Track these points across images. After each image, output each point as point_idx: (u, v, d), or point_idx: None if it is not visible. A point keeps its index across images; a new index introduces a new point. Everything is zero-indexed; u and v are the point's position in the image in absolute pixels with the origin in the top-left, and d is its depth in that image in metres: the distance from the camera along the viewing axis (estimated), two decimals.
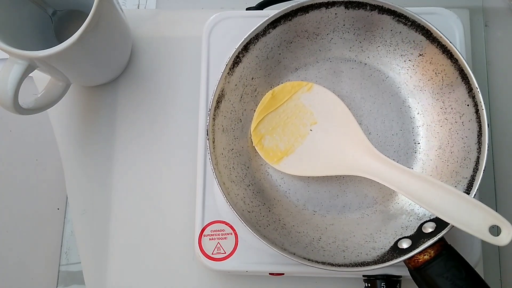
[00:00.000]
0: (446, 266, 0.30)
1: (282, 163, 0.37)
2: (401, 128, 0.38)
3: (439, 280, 0.30)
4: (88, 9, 0.34)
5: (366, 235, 0.35)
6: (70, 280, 0.43)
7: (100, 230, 0.42)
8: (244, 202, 0.36)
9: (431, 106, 0.38)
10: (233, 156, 0.37)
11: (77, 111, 0.44)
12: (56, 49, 0.34)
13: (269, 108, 0.38)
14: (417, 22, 0.35)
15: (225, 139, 0.37)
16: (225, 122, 0.37)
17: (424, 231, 0.33)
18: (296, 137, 0.37)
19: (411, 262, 0.31)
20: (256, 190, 0.37)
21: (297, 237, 0.35)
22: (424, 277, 0.31)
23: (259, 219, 0.35)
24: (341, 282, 0.39)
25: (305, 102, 0.38)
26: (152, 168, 0.43)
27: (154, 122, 0.44)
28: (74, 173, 0.43)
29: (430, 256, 0.31)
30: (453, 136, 0.36)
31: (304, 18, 0.37)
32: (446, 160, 0.36)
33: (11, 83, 0.34)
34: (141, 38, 0.45)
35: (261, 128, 0.38)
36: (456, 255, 0.31)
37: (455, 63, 0.34)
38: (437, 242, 0.31)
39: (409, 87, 0.39)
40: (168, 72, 0.44)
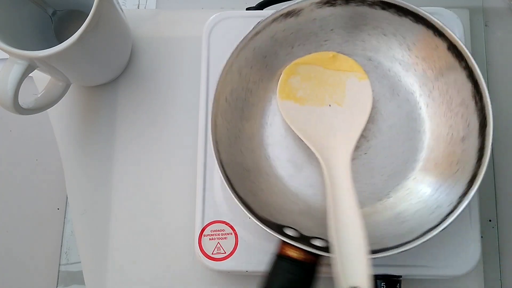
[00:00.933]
0: (294, 272, 0.31)
1: (286, 103, 0.38)
2: (406, 118, 0.39)
3: (281, 274, 0.31)
4: (88, 9, 0.34)
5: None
6: (70, 280, 0.43)
7: (100, 230, 0.42)
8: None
9: (421, 71, 0.38)
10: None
11: (77, 111, 0.44)
12: (56, 49, 0.34)
13: (322, 63, 0.39)
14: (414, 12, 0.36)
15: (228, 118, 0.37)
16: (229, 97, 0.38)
17: (315, 243, 0.33)
18: (315, 98, 0.38)
19: (287, 251, 0.32)
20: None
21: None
22: (277, 263, 0.32)
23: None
24: None
25: (349, 85, 0.38)
26: (152, 168, 0.43)
27: (154, 122, 0.44)
28: (74, 173, 0.43)
29: (298, 256, 0.31)
30: (451, 93, 0.36)
31: (301, 17, 0.38)
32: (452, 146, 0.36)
33: (11, 83, 0.34)
34: (141, 38, 0.45)
35: (302, 68, 0.38)
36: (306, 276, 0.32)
37: (429, 26, 0.35)
38: (308, 253, 0.31)
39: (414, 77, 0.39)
40: (168, 72, 0.44)
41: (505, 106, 0.44)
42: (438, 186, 0.35)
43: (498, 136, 0.43)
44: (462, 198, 0.32)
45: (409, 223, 0.35)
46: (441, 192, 0.35)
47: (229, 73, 0.37)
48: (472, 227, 0.37)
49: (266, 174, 0.38)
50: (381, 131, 0.38)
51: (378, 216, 0.36)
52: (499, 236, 0.41)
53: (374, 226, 0.36)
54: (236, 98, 0.38)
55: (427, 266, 0.36)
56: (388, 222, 0.36)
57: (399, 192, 0.37)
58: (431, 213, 0.34)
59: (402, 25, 0.37)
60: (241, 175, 0.36)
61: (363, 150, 0.38)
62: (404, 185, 0.37)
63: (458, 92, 0.35)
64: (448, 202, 0.33)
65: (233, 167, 0.36)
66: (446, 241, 0.37)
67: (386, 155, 0.38)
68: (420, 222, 0.34)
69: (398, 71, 0.39)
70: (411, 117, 0.38)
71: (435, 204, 0.34)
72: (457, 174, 0.34)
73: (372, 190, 0.37)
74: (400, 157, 0.38)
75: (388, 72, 0.39)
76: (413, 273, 0.36)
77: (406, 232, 0.33)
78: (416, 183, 0.37)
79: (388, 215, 0.36)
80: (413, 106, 0.39)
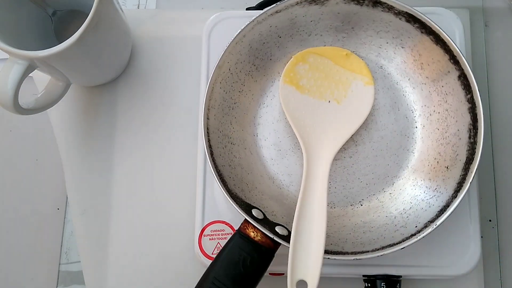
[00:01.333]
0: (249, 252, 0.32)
1: (287, 87, 0.38)
2: (396, 115, 0.39)
3: (235, 250, 0.32)
4: (88, 9, 0.34)
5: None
6: (70, 280, 0.43)
7: (100, 230, 0.42)
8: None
9: (427, 92, 0.38)
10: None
11: (77, 111, 0.44)
12: (56, 49, 0.34)
13: (334, 58, 0.39)
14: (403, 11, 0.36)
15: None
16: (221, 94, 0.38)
17: (277, 230, 0.33)
18: (317, 91, 0.38)
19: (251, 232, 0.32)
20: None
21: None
22: (235, 239, 0.32)
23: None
24: (341, 282, 0.39)
25: (353, 86, 0.38)
26: (152, 167, 0.43)
27: (154, 122, 0.44)
28: (74, 173, 0.43)
29: (256, 237, 0.32)
30: (449, 121, 0.36)
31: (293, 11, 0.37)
32: (444, 146, 0.36)
33: (11, 83, 0.34)
34: (141, 38, 0.45)
35: (313, 58, 0.38)
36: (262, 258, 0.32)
37: (447, 50, 0.35)
38: (266, 237, 0.32)
39: (404, 75, 0.39)
40: (168, 72, 0.44)
41: (505, 106, 0.44)
42: (409, 207, 0.36)
43: (498, 136, 0.43)
44: (429, 224, 0.33)
45: (371, 235, 0.35)
46: (410, 214, 0.35)
47: (240, 43, 0.37)
48: (472, 227, 0.37)
49: (249, 152, 0.38)
50: (371, 140, 0.39)
51: (345, 220, 0.37)
52: (499, 236, 0.41)
53: (339, 228, 0.36)
54: (240, 70, 0.38)
55: (427, 266, 0.36)
56: (352, 228, 0.36)
57: (372, 202, 0.37)
58: (395, 230, 0.34)
59: (422, 43, 0.36)
60: (225, 146, 0.37)
61: (349, 154, 0.39)
62: (378, 197, 0.38)
63: (456, 121, 0.36)
64: (415, 224, 0.34)
65: (219, 136, 0.36)
66: (446, 241, 0.37)
67: (370, 164, 0.38)
68: (382, 236, 0.34)
69: (405, 86, 0.39)
70: (405, 134, 0.38)
71: (402, 223, 0.35)
72: (431, 200, 0.35)
73: (347, 194, 0.38)
74: (383, 169, 0.38)
75: (395, 85, 0.39)
76: (413, 273, 0.37)
77: (366, 242, 0.34)
78: (390, 198, 0.37)
79: (354, 222, 0.37)
80: (409, 124, 0.39)
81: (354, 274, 0.37)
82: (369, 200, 0.38)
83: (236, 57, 0.37)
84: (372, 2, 0.36)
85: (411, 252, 0.37)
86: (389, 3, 0.36)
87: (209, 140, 0.35)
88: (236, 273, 0.31)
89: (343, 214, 0.37)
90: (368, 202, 0.38)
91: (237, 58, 0.37)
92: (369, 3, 0.36)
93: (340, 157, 0.38)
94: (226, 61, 0.37)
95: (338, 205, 0.38)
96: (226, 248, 0.32)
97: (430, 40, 0.36)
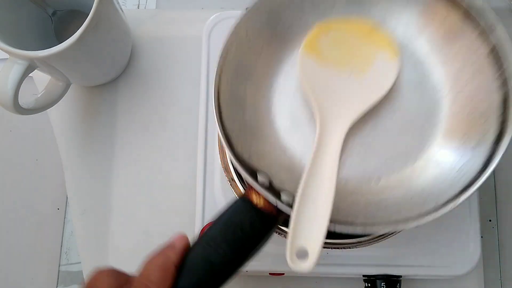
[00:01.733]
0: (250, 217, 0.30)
1: (307, 56, 0.36)
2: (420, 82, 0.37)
3: (235, 212, 0.30)
4: (88, 9, 0.34)
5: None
6: (70, 280, 0.43)
7: (100, 230, 0.42)
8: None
9: (456, 69, 0.36)
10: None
11: (77, 111, 0.44)
12: (56, 49, 0.34)
13: (358, 29, 0.37)
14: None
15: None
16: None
17: (281, 196, 0.31)
18: (338, 63, 0.37)
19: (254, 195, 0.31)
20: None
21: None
22: (237, 202, 0.31)
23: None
24: (341, 282, 0.39)
25: (378, 59, 0.36)
26: (152, 167, 0.43)
27: (154, 122, 0.44)
28: (74, 173, 0.43)
29: (259, 202, 0.30)
30: (478, 99, 0.35)
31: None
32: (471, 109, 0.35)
33: (11, 83, 0.34)
34: (141, 38, 0.45)
35: (337, 28, 0.37)
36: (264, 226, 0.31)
37: (494, 55, 0.33)
38: (269, 203, 0.30)
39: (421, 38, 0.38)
40: (168, 72, 0.44)
41: None
42: (430, 187, 0.35)
43: None
44: (449, 202, 0.31)
45: (385, 213, 0.33)
46: (430, 194, 0.33)
47: (260, 9, 0.35)
48: (472, 227, 0.37)
49: (262, 118, 0.37)
50: (394, 115, 0.36)
51: (358, 197, 0.35)
52: (499, 236, 0.41)
53: (349, 205, 0.34)
54: (259, 35, 0.36)
55: (427, 266, 0.36)
56: (365, 206, 0.34)
57: (389, 180, 0.35)
58: (411, 210, 0.32)
59: (455, 15, 0.35)
60: (236, 109, 0.35)
61: (369, 128, 0.36)
62: (397, 175, 0.35)
63: (486, 99, 0.34)
64: (434, 203, 0.33)
65: (230, 98, 0.35)
66: (446, 241, 0.37)
67: (390, 140, 0.36)
68: (397, 213, 0.33)
69: (434, 61, 0.37)
70: (430, 111, 0.36)
71: (420, 202, 0.33)
72: (454, 180, 0.34)
73: (363, 170, 0.36)
74: (404, 146, 0.36)
75: (423, 59, 0.37)
76: (413, 273, 0.37)
77: (378, 219, 0.32)
78: (410, 177, 0.36)
79: (368, 200, 0.35)
80: (436, 101, 0.36)
81: (354, 274, 0.37)
82: (387, 178, 0.36)
83: (253, 23, 0.36)
84: None
85: (411, 252, 0.37)
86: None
87: (219, 103, 0.33)
88: (233, 236, 0.29)
89: (358, 191, 0.35)
90: (386, 180, 0.36)
91: (256, 22, 0.36)
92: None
93: (359, 131, 0.36)
94: (242, 26, 0.35)
95: (352, 181, 0.35)
96: (226, 211, 0.31)
97: (462, 13, 0.34)
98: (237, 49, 0.36)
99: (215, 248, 0.29)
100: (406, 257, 0.36)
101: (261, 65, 0.38)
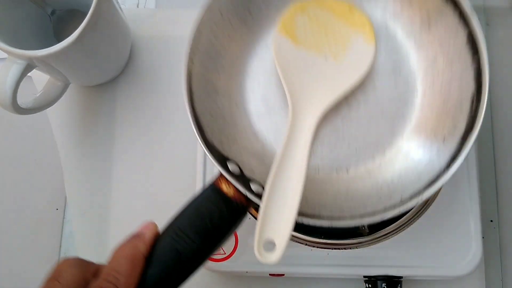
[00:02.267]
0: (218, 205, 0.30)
1: (282, 38, 0.35)
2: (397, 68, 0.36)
3: (204, 201, 0.30)
4: (87, 9, 0.34)
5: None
6: None
7: (100, 230, 0.42)
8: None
9: (432, 57, 0.36)
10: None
11: (76, 111, 0.44)
12: (55, 49, 0.34)
13: (336, 11, 0.36)
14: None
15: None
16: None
17: (251, 186, 0.31)
18: (313, 45, 0.36)
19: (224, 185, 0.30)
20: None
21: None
22: (206, 191, 0.31)
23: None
24: (341, 283, 0.39)
25: (353, 43, 0.36)
26: (151, 167, 0.42)
27: (153, 122, 0.43)
28: (73, 173, 0.43)
29: (228, 191, 0.30)
30: (451, 90, 0.34)
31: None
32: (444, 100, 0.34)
33: (9, 82, 0.34)
34: (140, 37, 0.45)
35: (313, 9, 0.36)
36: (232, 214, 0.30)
37: (471, 43, 0.32)
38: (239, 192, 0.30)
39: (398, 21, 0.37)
40: (168, 71, 0.44)
41: (506, 106, 0.44)
42: (398, 178, 0.34)
43: (499, 135, 0.43)
44: (415, 196, 0.31)
45: (353, 203, 0.33)
46: (397, 185, 0.33)
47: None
48: (473, 228, 0.37)
49: (235, 104, 0.36)
50: (367, 103, 0.36)
51: (328, 186, 0.35)
52: (501, 237, 0.41)
53: (319, 193, 0.34)
54: (233, 14, 0.36)
55: (428, 266, 0.36)
56: (334, 195, 0.34)
57: (359, 170, 0.35)
58: (379, 202, 0.32)
59: (433, 2, 0.34)
60: (208, 94, 0.35)
61: (341, 116, 0.36)
62: (367, 165, 0.35)
63: (459, 90, 0.33)
64: (400, 196, 0.32)
65: (203, 82, 0.34)
66: (448, 242, 0.36)
67: (363, 129, 0.35)
68: (364, 205, 0.32)
69: (410, 48, 0.36)
70: (404, 100, 0.36)
71: (388, 194, 0.33)
72: (422, 173, 0.33)
73: (334, 159, 0.35)
74: (375, 136, 0.35)
75: (399, 46, 0.36)
76: (414, 274, 0.36)
77: (346, 210, 0.32)
78: (379, 167, 0.34)
79: (338, 188, 0.34)
80: (410, 90, 0.36)
81: (354, 274, 0.37)
82: (356, 167, 0.35)
83: (228, 2, 0.35)
84: None
85: (412, 252, 0.37)
86: None
87: (191, 86, 0.33)
88: (201, 226, 0.29)
89: (327, 180, 0.35)
90: (355, 169, 0.35)
91: (230, 1, 0.35)
92: None
93: (331, 119, 0.36)
94: (215, 1, 0.34)
95: (322, 170, 0.35)
96: (195, 199, 0.30)
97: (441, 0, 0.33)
98: (211, 30, 0.35)
99: (183, 238, 0.29)
100: (407, 257, 0.36)
101: (235, 47, 0.37)
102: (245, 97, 0.37)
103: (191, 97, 0.33)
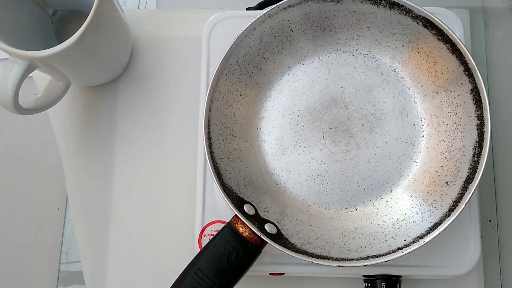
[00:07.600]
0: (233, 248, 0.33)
1: None
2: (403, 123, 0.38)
3: (221, 243, 0.33)
4: (88, 9, 0.34)
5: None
6: (70, 280, 0.43)
7: (100, 230, 0.42)
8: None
9: (438, 102, 0.37)
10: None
11: (77, 111, 0.44)
12: (56, 49, 0.34)
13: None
14: (418, 14, 0.35)
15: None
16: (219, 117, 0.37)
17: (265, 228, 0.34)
18: None
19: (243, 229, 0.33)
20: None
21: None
22: (223, 232, 0.33)
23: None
24: (341, 282, 0.39)
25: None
26: (152, 167, 0.43)
27: (154, 122, 0.44)
28: (74, 173, 0.43)
29: (244, 232, 0.33)
30: (456, 135, 0.36)
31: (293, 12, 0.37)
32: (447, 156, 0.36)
33: (11, 83, 0.34)
34: (141, 38, 0.45)
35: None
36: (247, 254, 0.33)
37: (462, 61, 0.34)
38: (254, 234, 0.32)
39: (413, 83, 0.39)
40: (168, 72, 0.44)
41: (505, 106, 0.44)
42: (403, 218, 0.36)
43: (498, 136, 0.43)
44: (418, 239, 0.33)
45: (360, 241, 0.35)
46: (402, 225, 0.35)
47: (249, 36, 0.36)
48: (472, 227, 0.37)
49: (250, 145, 0.38)
50: (375, 144, 0.38)
51: (337, 223, 0.37)
52: (499, 236, 0.41)
53: (329, 230, 0.36)
54: (248, 63, 0.38)
55: (427, 266, 0.36)
56: (343, 232, 0.36)
57: (367, 208, 0.37)
58: (384, 241, 0.34)
59: (438, 51, 0.36)
60: (225, 138, 0.37)
61: (351, 156, 0.38)
62: (374, 204, 0.37)
63: (463, 136, 0.35)
64: (405, 237, 0.34)
65: (220, 128, 0.36)
66: (446, 241, 0.37)
67: (371, 168, 0.38)
68: (370, 244, 0.34)
69: (417, 92, 0.38)
70: (410, 142, 0.38)
71: (392, 233, 0.35)
72: (425, 215, 0.35)
73: (343, 197, 0.37)
74: (383, 176, 0.37)
75: (407, 90, 0.38)
76: (413, 273, 0.36)
77: (353, 249, 0.34)
78: (386, 206, 0.37)
79: (346, 226, 0.36)
80: (416, 132, 0.38)
81: (354, 274, 0.37)
82: (364, 206, 0.37)
83: (245, 49, 0.37)
84: (390, 3, 0.35)
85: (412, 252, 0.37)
86: (407, 6, 0.35)
87: (209, 132, 0.35)
88: (219, 267, 0.32)
89: (337, 217, 0.37)
90: (363, 208, 0.37)
91: (245, 51, 0.37)
92: (387, 4, 0.36)
93: (341, 158, 0.38)
94: (233, 53, 0.36)
95: (332, 207, 0.37)
96: (214, 240, 0.33)
97: (447, 48, 0.35)
98: (227, 79, 0.37)
99: (204, 279, 0.32)
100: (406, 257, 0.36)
101: (250, 92, 0.39)
102: (261, 138, 0.39)
103: (210, 144, 0.35)
